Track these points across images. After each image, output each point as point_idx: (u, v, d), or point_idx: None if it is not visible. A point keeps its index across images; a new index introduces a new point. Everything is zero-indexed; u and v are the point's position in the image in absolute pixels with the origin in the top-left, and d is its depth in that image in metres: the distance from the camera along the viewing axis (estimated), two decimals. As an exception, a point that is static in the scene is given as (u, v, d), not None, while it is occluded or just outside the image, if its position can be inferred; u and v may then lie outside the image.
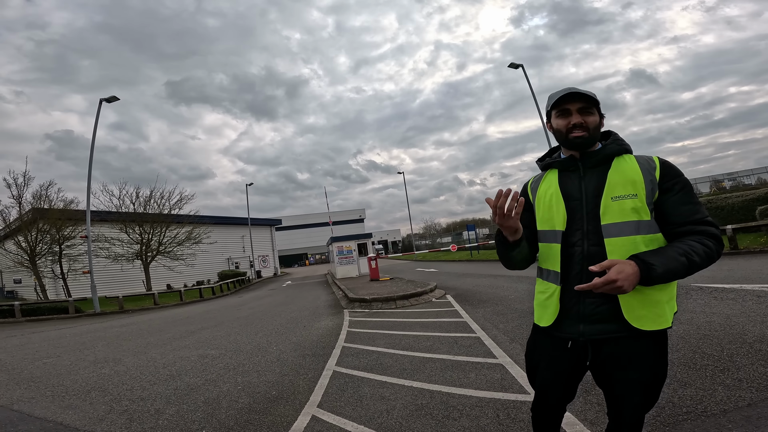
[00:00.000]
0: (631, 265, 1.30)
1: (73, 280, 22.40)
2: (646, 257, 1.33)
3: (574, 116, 1.50)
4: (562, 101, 1.51)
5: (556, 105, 1.54)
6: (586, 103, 1.49)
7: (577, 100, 1.50)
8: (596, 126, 1.51)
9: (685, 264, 1.32)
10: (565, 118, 1.52)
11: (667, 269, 1.30)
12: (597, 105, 1.52)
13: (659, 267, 1.30)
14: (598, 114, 1.53)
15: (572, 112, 1.50)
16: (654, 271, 1.30)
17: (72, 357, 7.23)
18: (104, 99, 18.53)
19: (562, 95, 1.50)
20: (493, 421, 2.85)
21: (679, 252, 1.33)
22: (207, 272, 33.03)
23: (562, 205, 1.53)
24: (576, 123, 1.49)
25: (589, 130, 1.49)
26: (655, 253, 1.36)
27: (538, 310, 1.64)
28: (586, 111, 1.50)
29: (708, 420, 2.47)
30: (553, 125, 1.58)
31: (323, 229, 61.73)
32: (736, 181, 33.14)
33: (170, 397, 4.28)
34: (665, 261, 1.31)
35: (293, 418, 3.34)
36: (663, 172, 1.44)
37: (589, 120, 1.49)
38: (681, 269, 1.32)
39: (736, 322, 4.42)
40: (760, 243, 10.90)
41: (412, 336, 5.95)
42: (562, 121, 1.53)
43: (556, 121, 1.55)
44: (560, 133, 1.55)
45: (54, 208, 21.70)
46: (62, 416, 4.00)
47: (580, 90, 1.48)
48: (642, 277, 1.30)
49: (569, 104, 1.51)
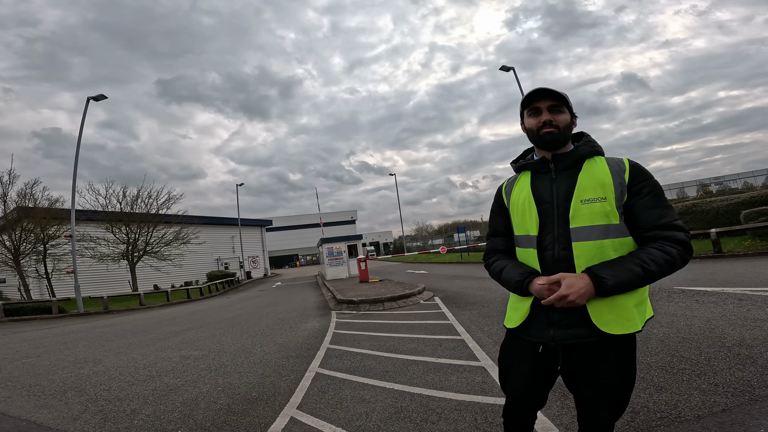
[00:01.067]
0: (583, 278, 1.32)
1: (58, 280, 22.05)
2: (597, 270, 1.34)
3: (543, 114, 1.50)
4: (532, 100, 1.52)
5: (527, 104, 1.54)
6: (555, 101, 1.50)
7: (547, 98, 1.50)
8: (567, 125, 1.51)
9: (640, 274, 1.32)
10: (536, 116, 1.53)
11: (618, 281, 1.32)
12: (566, 103, 1.52)
13: (610, 279, 1.31)
14: (569, 113, 1.53)
15: (542, 110, 1.51)
16: (605, 283, 1.31)
17: (52, 357, 7.09)
18: (92, 97, 18.30)
19: (531, 93, 1.51)
20: (471, 425, 2.83)
21: (634, 262, 1.34)
22: (195, 273, 32.69)
23: (534, 209, 1.52)
24: (545, 120, 1.49)
25: (559, 128, 1.49)
26: (609, 264, 1.36)
27: (510, 312, 1.64)
28: (555, 109, 1.50)
29: (681, 426, 2.47)
30: (526, 125, 1.58)
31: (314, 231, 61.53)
32: (723, 185, 33.67)
33: (148, 397, 4.21)
34: (617, 273, 1.32)
35: (271, 419, 3.30)
36: (632, 174, 1.44)
37: (559, 118, 1.50)
38: (636, 280, 1.33)
39: (716, 326, 4.46)
40: (744, 246, 11.07)
41: (397, 338, 5.93)
42: (533, 120, 1.53)
43: (528, 120, 1.56)
44: (532, 132, 1.55)
45: (39, 206, 21.33)
46: (36, 415, 3.93)
47: (548, 88, 1.48)
48: (595, 290, 1.32)
49: (539, 102, 1.51)
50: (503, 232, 1.69)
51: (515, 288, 1.53)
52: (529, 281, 1.46)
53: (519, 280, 1.50)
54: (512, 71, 20.13)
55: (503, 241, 1.69)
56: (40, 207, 21.31)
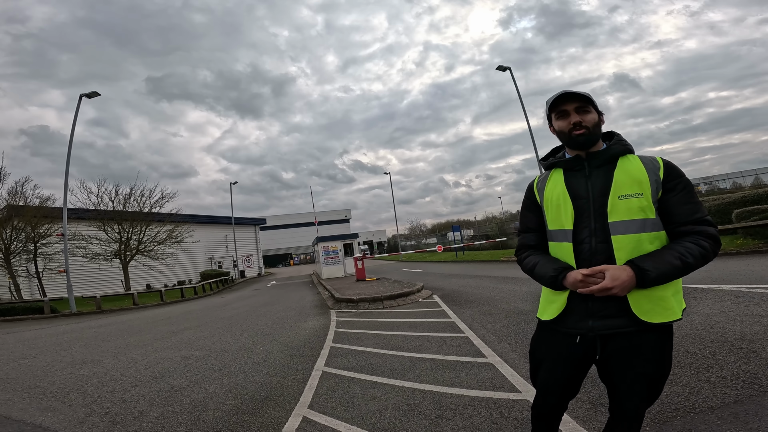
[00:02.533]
0: (626, 270, 1.37)
1: (49, 280, 21.72)
2: (640, 262, 1.38)
3: (572, 116, 1.55)
4: (558, 103, 1.57)
5: (554, 107, 1.59)
6: (581, 102, 1.54)
7: (573, 100, 1.55)
8: (595, 124, 1.55)
9: (679, 267, 1.37)
10: (564, 119, 1.57)
11: (660, 273, 1.37)
12: (592, 103, 1.56)
13: (652, 271, 1.36)
14: (596, 112, 1.57)
15: (570, 112, 1.55)
16: (647, 275, 1.36)
17: (49, 358, 6.98)
18: (84, 94, 18.02)
19: (557, 96, 1.56)
20: (487, 420, 2.85)
21: (674, 255, 1.39)
22: (189, 272, 32.41)
23: (570, 203, 1.56)
24: (575, 122, 1.54)
25: (588, 128, 1.53)
26: (650, 257, 1.40)
27: (544, 304, 1.66)
28: (582, 110, 1.55)
29: (697, 417, 2.52)
30: (555, 127, 1.63)
31: (308, 229, 61.31)
32: (712, 186, 34.23)
33: (154, 399, 4.17)
34: (658, 265, 1.37)
35: (284, 419, 3.28)
36: (667, 172, 1.49)
37: (587, 118, 1.54)
38: (675, 272, 1.38)
39: (716, 321, 4.54)
40: (737, 245, 11.26)
41: (400, 336, 5.94)
42: (563, 122, 1.58)
43: (557, 123, 1.60)
44: (563, 134, 1.59)
45: (30, 205, 20.97)
46: (41, 419, 3.86)
47: (573, 90, 1.53)
48: (637, 281, 1.37)
49: (566, 105, 1.56)
50: (535, 228, 1.73)
51: (550, 282, 1.56)
52: (563, 276, 1.50)
53: (553, 275, 1.54)
54: (509, 71, 20.23)
55: (535, 236, 1.73)
56: (31, 205, 20.97)
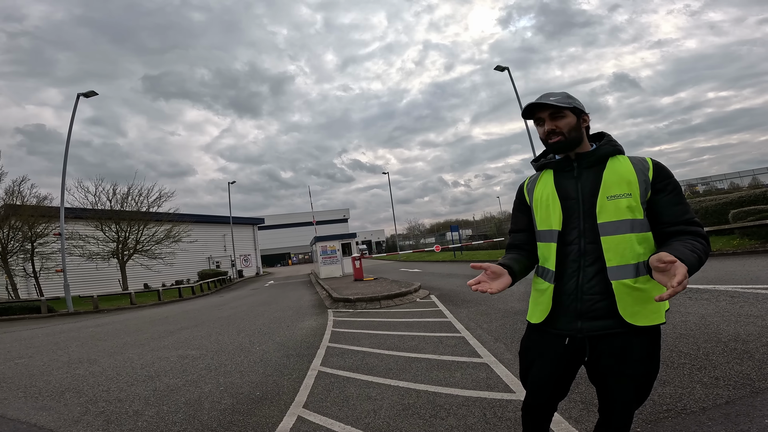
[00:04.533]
0: (683, 265, 1.22)
1: (46, 279, 21.65)
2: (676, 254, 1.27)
3: (547, 123, 1.55)
4: (530, 113, 1.58)
5: (528, 116, 1.60)
6: (553, 108, 1.53)
7: (545, 107, 1.54)
8: (572, 127, 1.53)
9: (696, 261, 1.30)
10: (540, 126, 1.58)
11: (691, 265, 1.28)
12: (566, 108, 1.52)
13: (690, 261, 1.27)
14: (573, 114, 1.53)
15: (544, 119, 1.56)
16: (693, 266, 1.27)
17: (45, 357, 6.98)
18: (82, 93, 17.98)
19: (526, 108, 1.57)
20: (480, 420, 2.86)
21: (689, 249, 1.33)
22: (186, 271, 32.35)
23: (558, 204, 1.56)
24: (549, 129, 1.54)
25: (564, 134, 1.52)
26: (674, 249, 1.32)
27: (531, 307, 1.67)
28: (556, 116, 1.53)
29: (688, 417, 2.54)
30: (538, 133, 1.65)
31: (307, 229, 61.27)
32: (710, 186, 34.32)
33: (149, 398, 4.17)
34: (688, 257, 1.27)
35: (278, 419, 3.29)
36: (656, 172, 1.49)
37: (561, 124, 1.52)
38: (696, 265, 1.31)
39: (710, 322, 4.56)
40: (733, 245, 11.31)
41: (397, 336, 5.95)
42: (540, 129, 1.59)
43: (537, 129, 1.62)
44: (543, 141, 1.61)
45: (27, 204, 20.92)
46: (36, 417, 3.87)
47: (537, 101, 1.52)
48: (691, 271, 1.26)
49: (539, 113, 1.56)
50: (524, 228, 1.74)
51: None
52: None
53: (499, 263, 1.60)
54: (507, 71, 20.25)
55: (523, 236, 1.74)
56: (28, 205, 20.91)
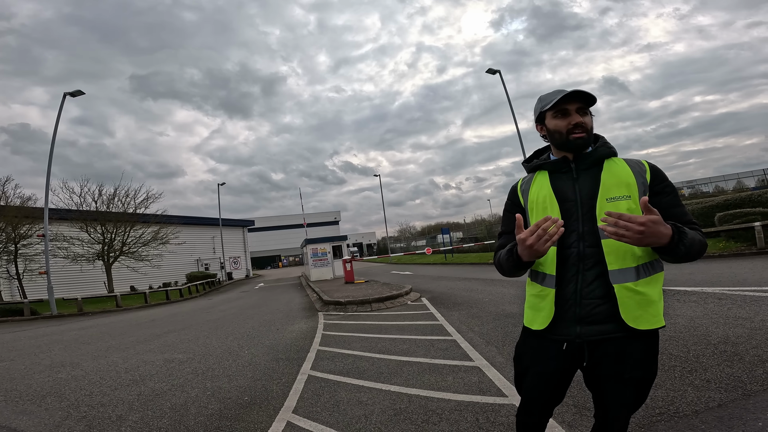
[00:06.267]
0: (666, 226, 1.28)
1: (29, 281, 21.22)
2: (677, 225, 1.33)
3: (573, 116, 1.47)
4: (562, 101, 1.48)
5: (555, 105, 1.50)
6: (583, 103, 1.48)
7: (576, 101, 1.47)
8: (592, 127, 1.51)
9: (697, 243, 1.34)
10: (564, 118, 1.49)
11: (692, 240, 1.32)
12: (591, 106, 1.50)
13: (687, 234, 1.31)
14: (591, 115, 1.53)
15: (571, 111, 1.48)
16: (684, 236, 1.30)
17: (27, 361, 6.80)
18: (68, 93, 17.66)
19: (567, 94, 1.46)
20: (473, 425, 2.82)
21: (693, 231, 1.36)
22: (174, 274, 31.90)
23: (557, 207, 1.51)
24: (577, 123, 1.46)
25: (587, 131, 1.48)
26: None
27: (530, 313, 1.60)
28: (583, 112, 1.49)
29: (681, 421, 2.52)
30: (549, 126, 1.54)
31: (297, 231, 60.91)
32: (695, 189, 34.91)
33: (133, 402, 4.06)
34: (688, 232, 1.33)
35: (267, 424, 3.21)
36: (653, 175, 1.47)
37: (587, 120, 1.49)
38: (698, 246, 1.34)
39: (699, 324, 4.59)
40: (719, 248, 11.48)
41: (388, 339, 5.89)
42: (561, 122, 1.49)
43: (554, 121, 1.51)
44: (560, 134, 1.50)
45: (10, 205, 20.49)
46: (16, 422, 3.74)
47: (584, 90, 1.44)
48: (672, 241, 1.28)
49: (568, 104, 1.48)
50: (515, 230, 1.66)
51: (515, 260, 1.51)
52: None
53: (509, 249, 1.53)
54: (498, 74, 20.37)
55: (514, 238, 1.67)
56: (12, 205, 20.48)
